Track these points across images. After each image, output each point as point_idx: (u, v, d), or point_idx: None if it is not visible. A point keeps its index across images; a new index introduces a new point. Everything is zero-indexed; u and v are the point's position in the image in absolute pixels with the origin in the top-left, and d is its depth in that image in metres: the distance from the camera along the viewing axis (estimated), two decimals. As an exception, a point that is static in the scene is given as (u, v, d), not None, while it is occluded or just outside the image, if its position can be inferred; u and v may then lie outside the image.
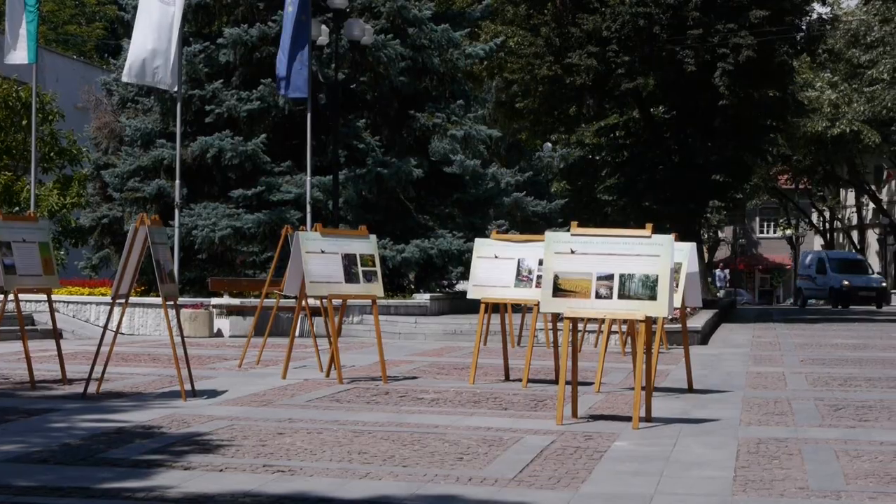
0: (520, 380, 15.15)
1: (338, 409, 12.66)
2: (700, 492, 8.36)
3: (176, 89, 26.12)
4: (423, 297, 28.98)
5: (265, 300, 19.44)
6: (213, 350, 20.85)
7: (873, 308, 48.99)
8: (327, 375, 15.73)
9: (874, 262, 74.79)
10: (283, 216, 28.84)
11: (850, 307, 49.89)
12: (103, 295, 27.03)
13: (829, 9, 51.99)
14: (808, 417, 12.16)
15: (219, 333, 25.44)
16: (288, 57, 26.18)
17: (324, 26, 28.83)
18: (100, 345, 14.06)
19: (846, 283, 51.76)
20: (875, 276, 53.43)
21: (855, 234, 76.84)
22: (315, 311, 19.36)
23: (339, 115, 28.97)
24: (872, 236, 76.40)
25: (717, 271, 74.69)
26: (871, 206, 72.55)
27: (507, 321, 16.77)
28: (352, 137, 30.74)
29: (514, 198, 37.67)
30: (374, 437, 10.52)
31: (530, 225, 38.27)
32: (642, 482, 8.64)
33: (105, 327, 14.83)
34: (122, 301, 13.83)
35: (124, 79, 26.68)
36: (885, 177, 72.41)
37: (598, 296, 11.65)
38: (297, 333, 17.27)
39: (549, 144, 48.02)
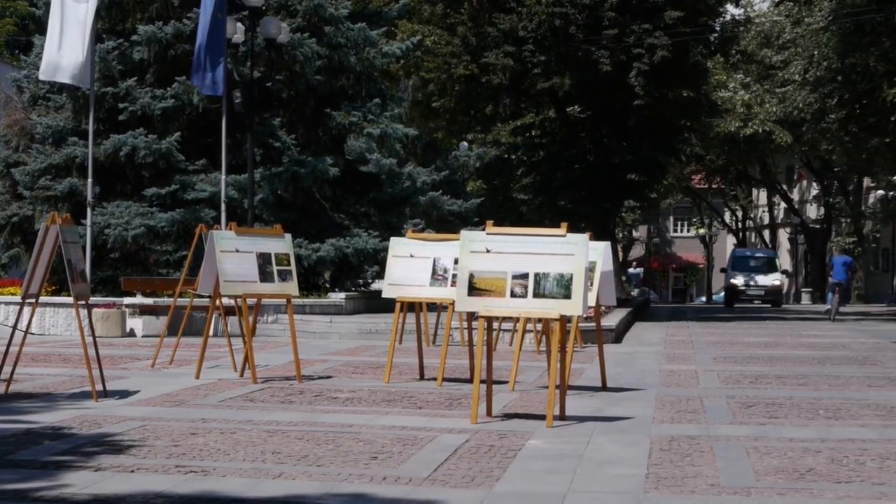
0: (435, 379, 15.15)
1: (251, 408, 12.58)
2: (613, 489, 8.41)
3: (89, 87, 25.83)
4: (338, 297, 28.90)
5: (179, 299, 19.27)
6: (125, 350, 20.64)
7: (768, 307, 49.36)
8: (241, 375, 15.63)
9: (785, 261, 75.78)
10: (198, 215, 28.61)
11: (742, 306, 50.59)
12: (13, 294, 26.65)
13: (742, 10, 52.51)
14: (720, 415, 12.27)
15: (131, 333, 25.18)
16: (203, 55, 25.98)
17: (239, 24, 28.65)
18: (9, 345, 13.87)
19: (734, 281, 52.12)
20: (775, 274, 53.08)
21: (767, 234, 77.75)
22: (229, 311, 19.23)
23: (254, 114, 28.78)
24: (784, 235, 77.36)
25: (631, 269, 75.29)
26: (783, 205, 73.46)
27: (423, 320, 16.76)
28: (267, 136, 30.57)
29: (430, 197, 37.65)
30: (287, 437, 10.47)
31: (446, 224, 38.28)
32: (556, 480, 8.67)
33: (14, 327, 14.61)
34: (33, 301, 13.64)
35: (41, 76, 26.33)
36: (796, 177, 73.33)
37: (513, 295, 11.68)
38: (210, 333, 17.14)
39: (466, 143, 48.06)
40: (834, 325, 31.54)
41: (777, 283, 51.95)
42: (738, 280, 51.92)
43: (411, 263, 15.27)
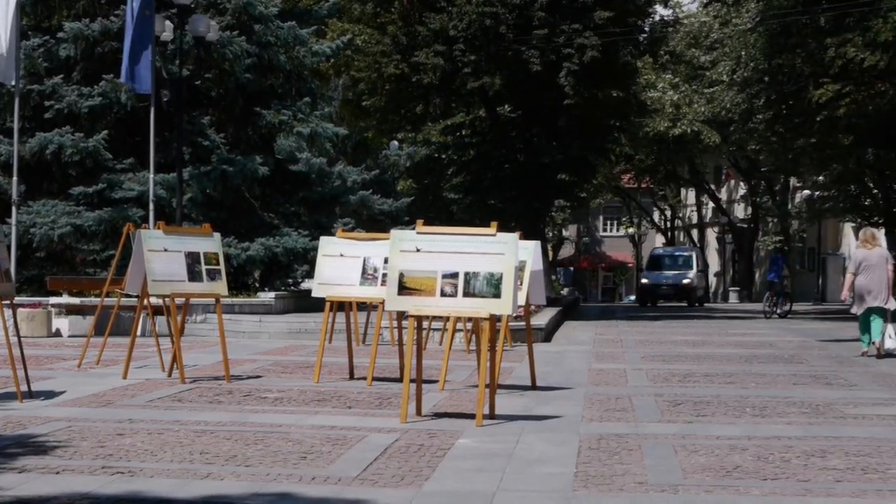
0: (364, 378, 15.11)
1: (180, 408, 12.49)
2: (542, 488, 8.42)
3: (13, 84, 25.52)
4: (267, 296, 28.77)
5: (106, 299, 19.08)
6: (51, 350, 20.41)
7: (684, 304, 49.22)
8: (169, 375, 15.51)
9: (713, 260, 76.35)
10: (126, 214, 28.39)
11: (659, 304, 50.58)
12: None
13: (670, 11, 52.90)
14: (648, 413, 12.34)
15: (57, 333, 24.89)
16: (130, 52, 25.74)
17: (168, 22, 28.45)
18: (-68, 345, 13.68)
19: (645, 281, 52.04)
20: (689, 273, 51.79)
21: (695, 233, 78.34)
22: (157, 310, 19.09)
23: (183, 112, 28.60)
24: (712, 234, 77.98)
25: (561, 269, 75.53)
26: (711, 205, 74.04)
27: (353, 319, 16.72)
28: (196, 134, 30.40)
29: (361, 196, 37.59)
30: (216, 437, 10.40)
31: (376, 223, 38.23)
32: (485, 479, 8.68)
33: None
34: (-44, 300, 13.45)
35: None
36: (724, 176, 73.92)
37: (443, 294, 11.68)
38: (138, 333, 16.99)
39: (396, 143, 48.03)
40: (764, 324, 31.87)
41: (688, 281, 50.67)
42: (651, 279, 51.61)
43: (341, 263, 15.23)
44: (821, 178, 48.27)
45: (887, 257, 19.97)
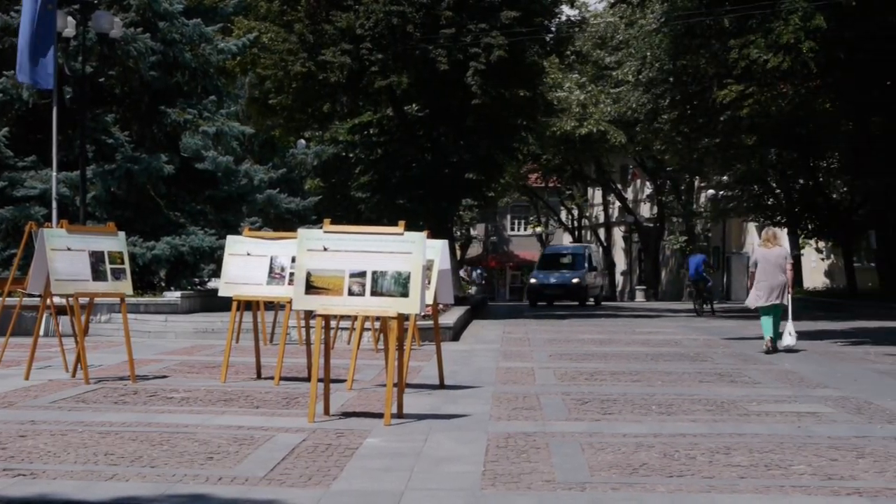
0: (272, 378, 15.02)
1: (84, 409, 12.33)
2: (450, 487, 8.42)
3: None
4: (173, 295, 28.52)
5: (7, 299, 18.79)
6: (-48, 351, 20.04)
7: (576, 304, 47.40)
8: (73, 375, 15.31)
9: (620, 259, 76.93)
10: (28, 212, 28.00)
11: (555, 304, 48.92)
12: None
13: (577, 11, 53.26)
14: (556, 411, 12.39)
15: (-41, 334, 24.46)
16: (31, 48, 25.33)
17: (70, 18, 28.06)
18: None
19: (533, 280, 50.07)
20: (580, 271, 49.41)
21: (602, 232, 78.91)
22: (61, 310, 18.82)
23: (86, 110, 28.24)
24: (619, 233, 78.60)
25: (472, 268, 75.69)
26: (618, 204, 74.61)
27: (260, 319, 16.62)
28: (100, 132, 30.04)
29: (268, 195, 37.43)
30: (121, 438, 10.28)
31: (284, 222, 38.10)
32: (393, 478, 8.66)
33: None
34: None
35: None
36: (630, 176, 74.55)
37: (350, 293, 11.65)
38: (41, 333, 16.75)
39: (303, 141, 47.88)
40: (670, 322, 32.17)
41: (577, 280, 48.27)
42: (539, 279, 49.42)
43: (248, 262, 15.13)
44: (725, 177, 48.86)
45: (786, 256, 20.66)
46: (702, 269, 37.95)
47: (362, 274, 11.66)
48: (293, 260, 13.58)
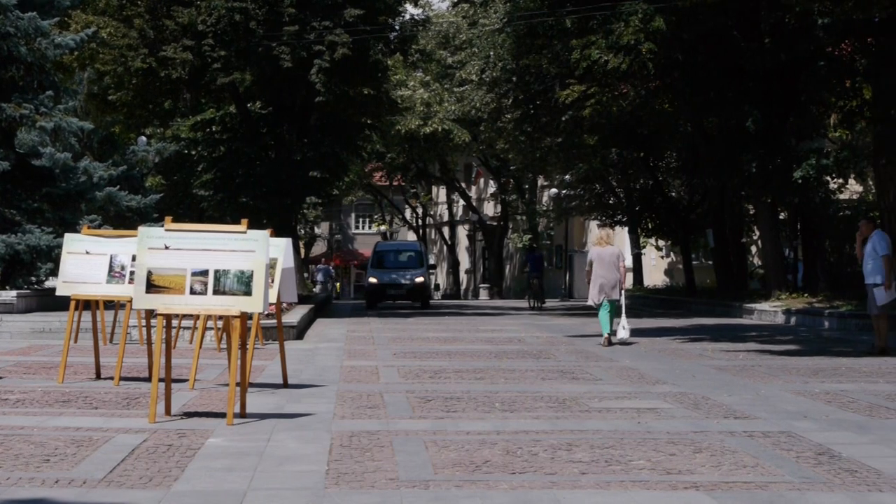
0: (112, 378, 14.78)
1: (-85, 413, 11.98)
2: (293, 486, 8.38)
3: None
4: (9, 294, 27.86)
5: None
6: None
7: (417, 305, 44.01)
8: None
9: (464, 258, 77.34)
10: None
11: (389, 306, 45.03)
12: None
13: (420, 10, 53.38)
14: (400, 410, 12.40)
15: None
16: None
17: None
18: None
19: (373, 280, 44.88)
20: (419, 270, 45.51)
21: (446, 230, 79.26)
22: None
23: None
24: (463, 232, 79.02)
25: (321, 266, 75.40)
26: (462, 202, 75.00)
27: (99, 318, 16.33)
28: (-69, 128, 29.22)
29: (108, 192, 36.72)
30: (-47, 442, 10.00)
31: (124, 220, 37.43)
32: (236, 478, 8.59)
33: None
34: None
35: None
36: (474, 175, 75.00)
37: (192, 292, 11.53)
38: None
39: (144, 138, 47.11)
40: (513, 320, 32.45)
41: (421, 279, 44.56)
42: (379, 278, 44.56)
43: (87, 260, 14.86)
44: (567, 176, 49.41)
45: (619, 255, 22.14)
46: (540, 266, 38.65)
47: (204, 272, 11.54)
48: (133, 258, 13.38)
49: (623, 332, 21.64)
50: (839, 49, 35.44)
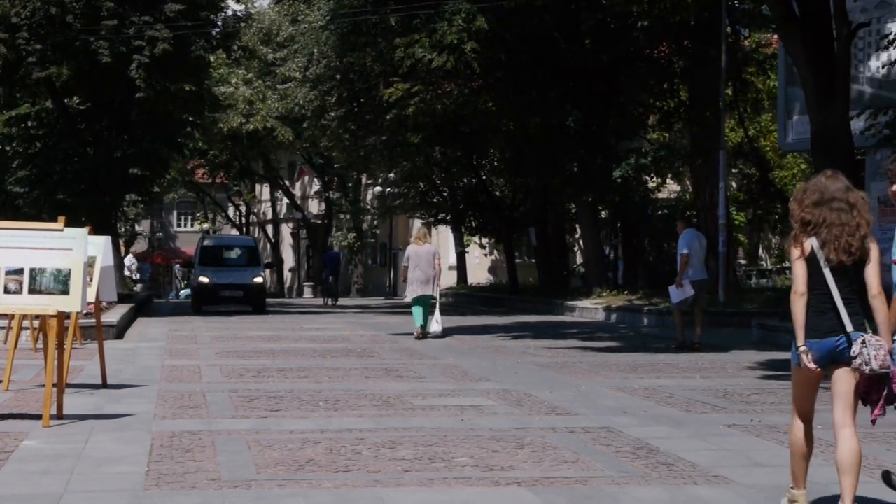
0: (-79, 381, 14.31)
1: None
2: (112, 488, 8.23)
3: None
4: None
5: None
6: None
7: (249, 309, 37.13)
8: None
9: (288, 255, 76.98)
10: None
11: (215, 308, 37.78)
12: None
13: (243, 6, 52.90)
14: (222, 409, 12.29)
15: None
16: None
17: None
18: None
19: (203, 279, 37.70)
20: (257, 269, 39.15)
21: (270, 228, 78.73)
22: None
23: None
24: (287, 230, 78.59)
25: (132, 260, 74.14)
26: (286, 200, 74.59)
27: None
28: None
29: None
30: None
31: (-65, 218, 36.36)
32: (52, 481, 8.40)
33: None
34: None
35: None
36: (298, 173, 74.66)
37: (7, 291, 11.28)
38: None
39: (-44, 134, 45.84)
40: (334, 318, 32.38)
41: (260, 279, 38.22)
42: (211, 277, 37.58)
43: None
44: (391, 174, 49.51)
45: (435, 253, 23.56)
46: (336, 265, 39.17)
47: (19, 271, 11.30)
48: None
49: (436, 326, 23.08)
50: (658, 51, 36.27)
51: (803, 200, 7.29)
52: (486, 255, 55.88)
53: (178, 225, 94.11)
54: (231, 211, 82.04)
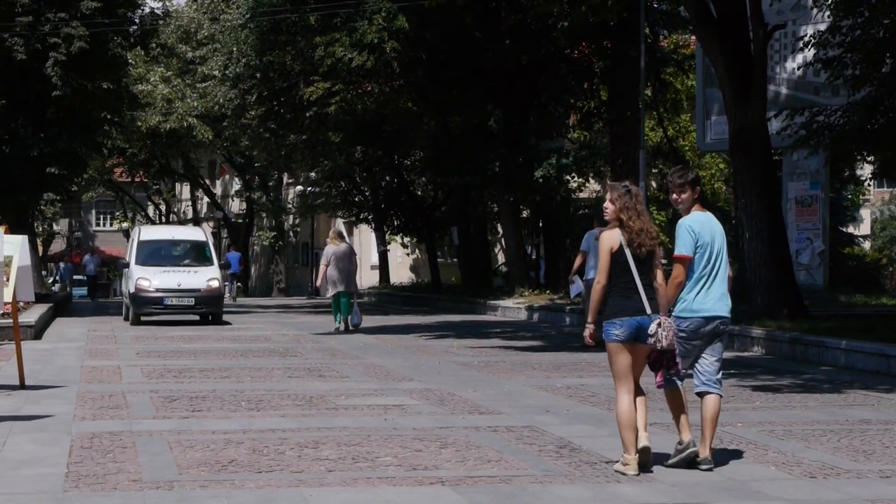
0: None
1: None
2: (30, 490, 8.15)
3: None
4: None
5: None
6: None
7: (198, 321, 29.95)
8: None
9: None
10: None
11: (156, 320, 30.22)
12: None
13: (161, 4, 52.49)
14: (143, 410, 12.19)
15: None
16: None
17: None
18: None
19: (144, 283, 28.92)
20: (211, 269, 30.43)
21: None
22: None
23: None
24: (208, 229, 77.99)
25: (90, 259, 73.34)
26: (206, 199, 74.11)
27: None
28: None
29: None
30: None
31: None
32: (-31, 485, 8.28)
33: None
34: None
35: None
36: (218, 171, 74.22)
37: (-79, 291, 11.06)
38: None
39: None
40: (260, 318, 32.22)
41: (217, 284, 29.92)
42: (156, 280, 29.01)
43: None
44: (313, 174, 49.34)
45: (352, 251, 25.57)
46: (238, 264, 39.56)
47: (-65, 271, 11.11)
48: None
49: (356, 318, 24.95)
50: (577, 51, 36.46)
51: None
52: (408, 254, 55.85)
53: (98, 224, 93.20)
54: (151, 210, 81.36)
